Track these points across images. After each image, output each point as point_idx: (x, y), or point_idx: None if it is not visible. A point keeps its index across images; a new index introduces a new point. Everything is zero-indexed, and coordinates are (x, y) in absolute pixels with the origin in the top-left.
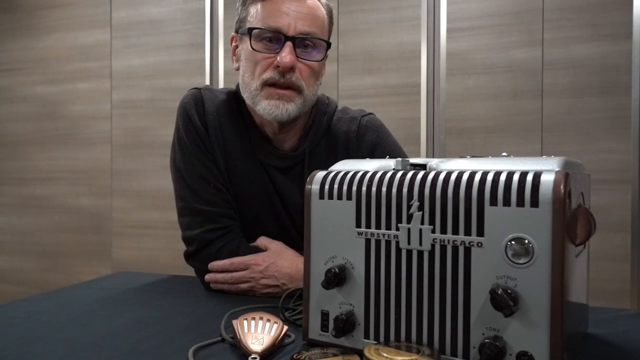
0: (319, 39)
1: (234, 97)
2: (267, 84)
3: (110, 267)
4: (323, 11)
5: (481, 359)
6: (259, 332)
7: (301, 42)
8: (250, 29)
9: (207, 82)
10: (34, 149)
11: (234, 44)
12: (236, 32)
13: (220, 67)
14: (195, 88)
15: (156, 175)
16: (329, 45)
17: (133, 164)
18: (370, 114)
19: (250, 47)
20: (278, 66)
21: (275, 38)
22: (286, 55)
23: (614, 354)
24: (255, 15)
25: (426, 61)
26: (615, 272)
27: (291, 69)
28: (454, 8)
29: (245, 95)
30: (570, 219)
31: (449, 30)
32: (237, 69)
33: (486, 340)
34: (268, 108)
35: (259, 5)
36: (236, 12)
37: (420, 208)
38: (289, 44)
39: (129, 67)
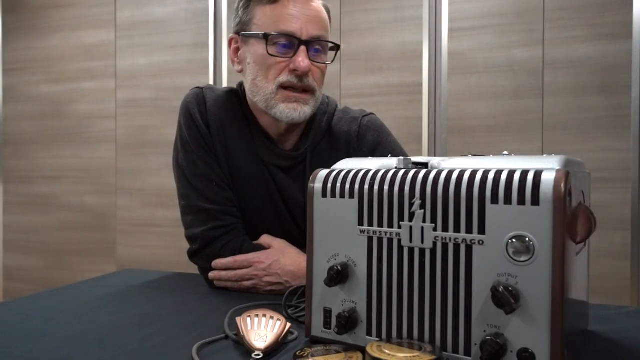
0: (329, 42)
1: (235, 96)
2: (283, 87)
3: (115, 264)
4: (325, 12)
5: (482, 356)
6: (262, 329)
7: (313, 46)
8: (267, 35)
9: (211, 82)
10: (39, 147)
11: (234, 45)
12: (237, 34)
13: (224, 66)
14: (197, 87)
15: (160, 173)
16: (338, 47)
17: (137, 163)
18: (371, 114)
19: (265, 52)
20: (294, 70)
21: (289, 42)
22: (303, 59)
23: (614, 351)
24: (263, 18)
25: (428, 61)
26: (615, 269)
27: (307, 72)
28: (455, 8)
29: (257, 99)
30: (571, 217)
31: (450, 30)
32: (240, 71)
33: (487, 337)
34: (286, 111)
35: (267, 9)
36: (236, 14)
37: (422, 206)
38: (303, 48)
39: (134, 66)
